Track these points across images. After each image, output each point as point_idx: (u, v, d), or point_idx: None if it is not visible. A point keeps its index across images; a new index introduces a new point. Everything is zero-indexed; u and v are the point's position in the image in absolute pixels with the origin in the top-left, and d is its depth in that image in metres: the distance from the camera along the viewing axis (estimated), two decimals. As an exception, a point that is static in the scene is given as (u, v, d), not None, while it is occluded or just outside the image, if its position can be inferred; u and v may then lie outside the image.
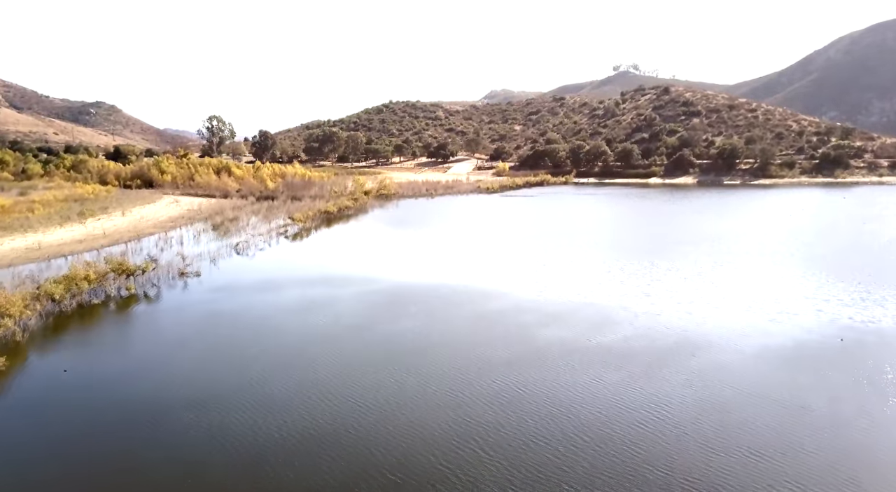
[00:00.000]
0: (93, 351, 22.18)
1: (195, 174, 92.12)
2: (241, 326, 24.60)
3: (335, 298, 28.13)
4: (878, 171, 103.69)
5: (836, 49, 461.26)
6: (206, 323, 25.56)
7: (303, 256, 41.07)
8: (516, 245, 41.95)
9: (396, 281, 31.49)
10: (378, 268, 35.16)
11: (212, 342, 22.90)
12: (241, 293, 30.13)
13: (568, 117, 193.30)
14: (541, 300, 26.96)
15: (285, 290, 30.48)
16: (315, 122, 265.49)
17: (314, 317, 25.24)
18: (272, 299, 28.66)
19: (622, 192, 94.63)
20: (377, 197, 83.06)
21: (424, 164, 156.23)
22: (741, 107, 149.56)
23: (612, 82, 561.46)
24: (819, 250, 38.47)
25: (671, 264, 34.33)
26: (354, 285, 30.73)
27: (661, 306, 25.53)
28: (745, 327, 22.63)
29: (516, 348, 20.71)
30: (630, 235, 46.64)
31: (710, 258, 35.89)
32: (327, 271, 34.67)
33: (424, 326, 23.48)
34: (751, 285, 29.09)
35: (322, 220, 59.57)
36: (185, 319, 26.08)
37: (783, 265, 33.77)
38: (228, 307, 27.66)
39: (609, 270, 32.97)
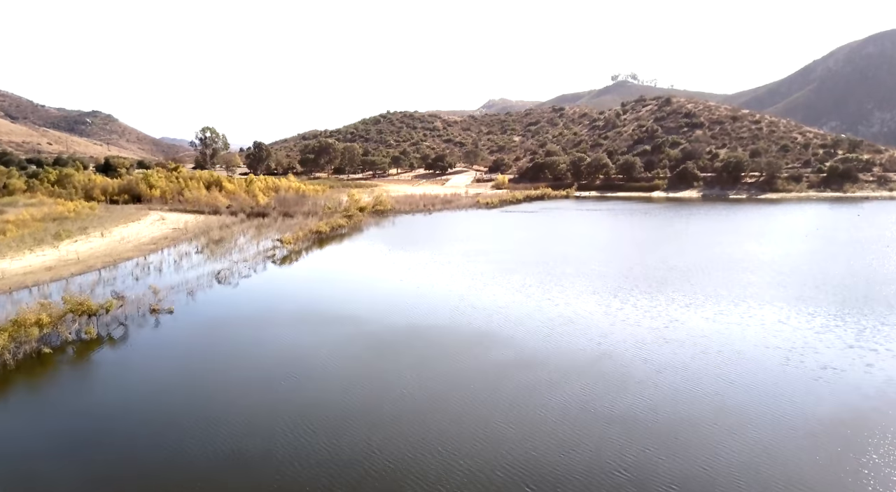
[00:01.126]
0: (37, 415, 19.07)
1: (185, 189, 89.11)
2: (212, 379, 21.58)
3: (318, 346, 25.02)
4: (888, 185, 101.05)
5: (835, 59, 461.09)
6: (175, 371, 22.69)
7: (289, 285, 37.99)
8: (520, 274, 38.86)
9: (386, 321, 28.39)
10: (368, 303, 32.06)
11: (180, 398, 20.00)
12: (215, 335, 27.08)
13: (568, 128, 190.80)
14: (550, 349, 23.86)
15: (264, 330, 27.40)
16: (312, 132, 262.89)
17: (292, 369, 22.12)
18: (247, 344, 25.60)
19: (625, 207, 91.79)
20: (373, 213, 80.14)
21: (422, 176, 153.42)
22: (744, 118, 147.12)
23: (611, 92, 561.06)
24: (849, 281, 35.44)
25: (688, 299, 31.30)
26: (340, 326, 27.63)
27: (685, 356, 22.45)
28: (787, 393, 19.53)
29: (522, 417, 17.60)
30: (639, 261, 43.64)
31: (729, 291, 32.89)
32: (313, 307, 31.57)
33: (414, 385, 20.36)
34: (778, 328, 25.98)
35: (313, 240, 56.53)
36: (151, 368, 23.13)
37: (812, 302, 30.69)
38: (201, 352, 24.68)
39: (622, 307, 29.91)
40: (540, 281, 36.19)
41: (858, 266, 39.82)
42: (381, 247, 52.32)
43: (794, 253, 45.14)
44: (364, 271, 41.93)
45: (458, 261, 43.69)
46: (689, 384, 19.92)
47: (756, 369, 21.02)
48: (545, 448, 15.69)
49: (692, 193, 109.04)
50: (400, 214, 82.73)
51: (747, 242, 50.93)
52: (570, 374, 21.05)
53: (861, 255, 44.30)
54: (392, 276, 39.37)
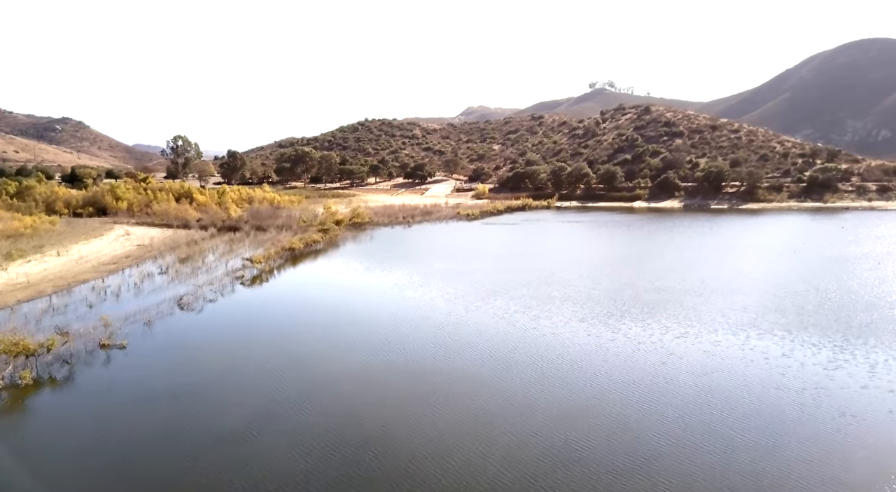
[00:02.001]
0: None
1: (153, 201, 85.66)
2: (165, 429, 19.04)
3: (285, 387, 22.47)
4: (867, 195, 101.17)
5: (808, 68, 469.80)
6: (124, 419, 20.22)
7: (257, 312, 35.31)
8: (503, 298, 36.70)
9: (358, 360, 25.96)
10: (340, 336, 29.56)
11: (127, 453, 17.50)
12: (171, 373, 24.45)
13: (547, 137, 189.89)
14: (537, 395, 21.66)
15: (227, 368, 24.80)
16: (288, 139, 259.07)
17: (256, 417, 19.58)
18: (206, 384, 23.04)
19: (607, 219, 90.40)
20: (350, 226, 77.53)
21: (401, 185, 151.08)
22: (723, 127, 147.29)
23: (589, 99, 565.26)
24: (847, 304, 33.92)
25: (683, 326, 29.41)
26: (310, 365, 25.14)
27: (685, 401, 20.43)
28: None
29: (507, 478, 15.37)
30: (627, 281, 41.84)
31: (724, 318, 31.12)
32: (281, 338, 28.97)
33: (386, 443, 17.99)
34: (784, 365, 24.15)
35: (286, 258, 53.82)
36: (96, 415, 20.59)
37: (814, 330, 28.99)
38: (154, 395, 22.11)
39: (613, 338, 27.92)
40: (524, 306, 34.05)
41: (855, 285, 38.38)
42: (356, 265, 49.79)
43: (786, 271, 43.67)
44: (337, 295, 39.41)
45: (437, 282, 41.39)
46: (691, 439, 17.87)
47: (769, 420, 19.02)
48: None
49: (674, 203, 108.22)
50: (378, 226, 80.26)
51: (736, 259, 49.48)
52: (559, 424, 18.87)
53: (854, 273, 42.98)
54: (367, 301, 36.93)
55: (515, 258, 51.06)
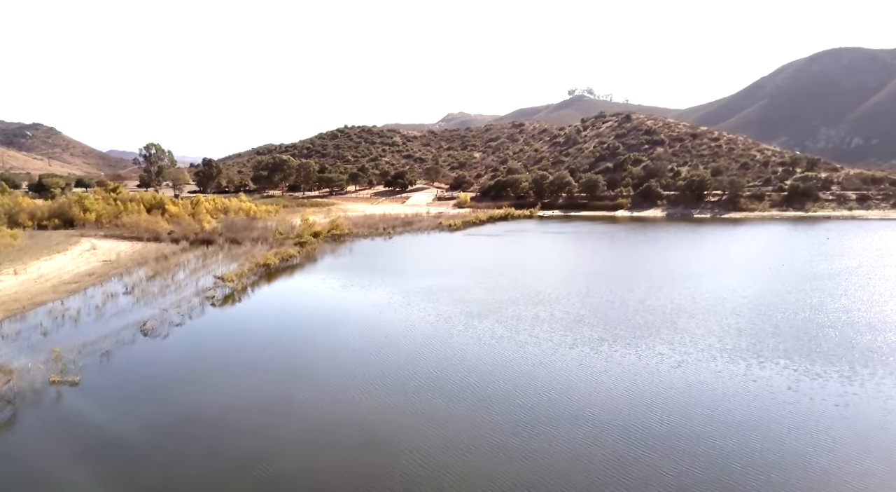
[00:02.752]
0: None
1: (123, 212, 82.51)
2: (119, 478, 16.84)
3: (254, 429, 20.31)
4: (847, 204, 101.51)
5: (782, 76, 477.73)
6: (73, 468, 17.86)
7: (226, 337, 33.05)
8: (489, 320, 34.93)
9: (331, 398, 23.90)
10: (313, 368, 27.48)
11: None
12: (127, 413, 22.19)
13: (528, 144, 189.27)
14: (524, 441, 19.81)
15: (191, 405, 22.54)
16: (266, 146, 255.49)
17: (222, 459, 17.44)
18: (167, 426, 20.78)
19: (590, 229, 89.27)
20: (328, 238, 75.27)
21: (382, 193, 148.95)
22: (704, 136, 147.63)
23: (568, 106, 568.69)
24: (847, 325, 32.74)
25: (679, 354, 27.86)
26: (281, 400, 22.97)
27: (691, 454, 18.75)
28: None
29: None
30: (617, 300, 40.47)
31: (721, 343, 29.71)
32: (250, 370, 26.74)
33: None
34: (792, 401, 22.64)
35: (261, 275, 51.46)
36: (41, 465, 18.21)
37: (817, 358, 27.63)
38: (107, 439, 19.88)
39: (606, 368, 26.27)
40: (511, 330, 32.25)
41: (850, 304, 37.25)
42: (334, 283, 47.60)
43: (777, 288, 42.41)
44: (312, 318, 37.23)
45: (418, 302, 39.44)
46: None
47: (789, 473, 17.39)
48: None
49: (656, 212, 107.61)
50: (358, 238, 78.08)
51: (725, 275, 48.25)
52: (550, 471, 17.03)
53: (847, 290, 41.97)
54: (343, 326, 34.80)
55: (500, 275, 49.28)
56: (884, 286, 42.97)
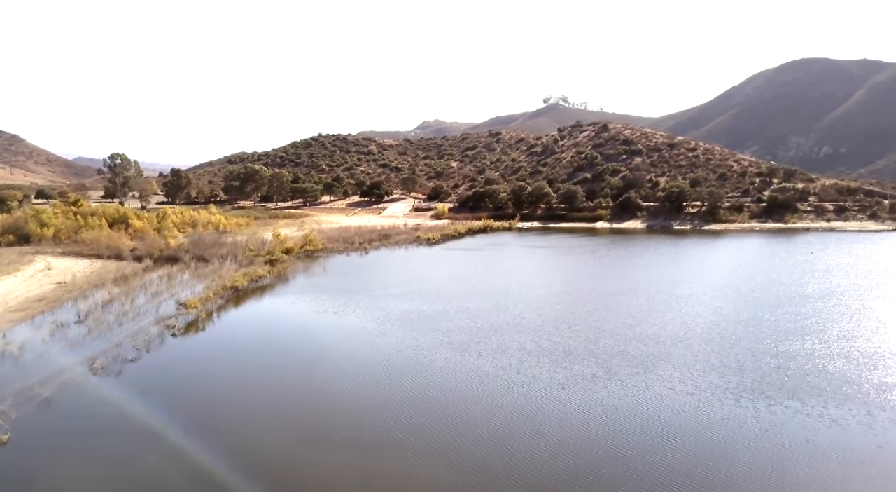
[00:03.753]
0: None
1: (84, 227, 78.36)
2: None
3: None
4: (825, 215, 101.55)
5: (752, 86, 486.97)
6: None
7: (183, 375, 30.10)
8: (471, 352, 32.54)
9: (291, 459, 21.16)
10: (280, 413, 24.67)
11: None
12: (59, 481, 19.09)
13: (506, 154, 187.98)
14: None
15: (142, 463, 19.50)
16: (239, 154, 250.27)
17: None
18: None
19: (571, 242, 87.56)
20: (301, 254, 72.15)
21: (357, 204, 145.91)
22: (681, 146, 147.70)
23: (544, 115, 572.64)
24: (855, 357, 30.99)
25: (681, 395, 25.75)
26: (241, 452, 20.11)
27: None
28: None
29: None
30: (605, 327, 38.56)
31: (723, 380, 27.75)
32: (209, 417, 23.81)
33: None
34: (811, 462, 20.58)
35: (228, 298, 48.30)
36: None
37: (830, 400, 25.73)
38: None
39: (603, 413, 24.00)
40: (496, 367, 29.82)
41: (854, 330, 35.60)
42: (305, 307, 44.73)
43: (771, 313, 40.62)
44: (280, 351, 34.29)
45: (395, 330, 36.81)
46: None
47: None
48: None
49: (636, 224, 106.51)
50: (332, 253, 75.09)
51: (716, 297, 46.46)
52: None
53: (844, 313, 40.46)
54: (314, 360, 32.02)
55: (482, 296, 46.86)
56: (880, 308, 41.59)
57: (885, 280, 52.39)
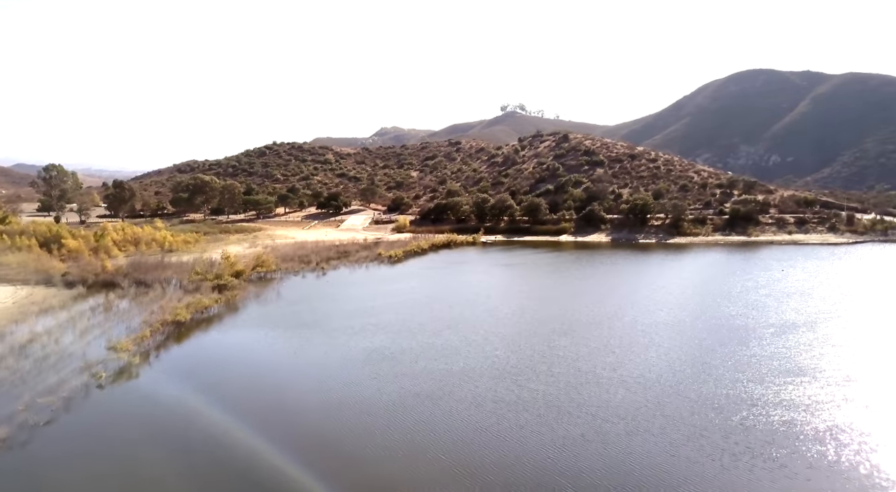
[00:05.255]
0: None
1: (10, 249, 71.39)
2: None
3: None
4: (787, 228, 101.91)
5: (703, 95, 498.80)
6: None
7: (103, 442, 25.44)
8: (445, 402, 28.91)
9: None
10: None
11: None
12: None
13: (466, 164, 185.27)
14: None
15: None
16: (189, 162, 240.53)
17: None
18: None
19: (536, 259, 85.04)
20: (253, 274, 67.20)
21: (314, 215, 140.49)
22: (642, 156, 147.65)
23: (502, 122, 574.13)
24: (866, 404, 28.57)
25: (684, 462, 22.58)
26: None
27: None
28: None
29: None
30: (587, 367, 35.86)
31: (725, 442, 24.67)
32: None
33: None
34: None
35: (168, 334, 43.39)
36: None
37: (855, 472, 23.06)
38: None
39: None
40: (474, 428, 26.22)
41: (854, 370, 33.40)
42: (254, 346, 40.31)
43: (761, 348, 38.21)
44: (225, 402, 29.83)
45: (356, 376, 32.88)
46: None
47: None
48: None
49: (601, 237, 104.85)
50: (288, 274, 70.27)
51: (697, 327, 43.97)
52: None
53: (841, 345, 38.52)
54: (263, 417, 27.79)
55: (450, 329, 43.23)
56: (867, 336, 39.83)
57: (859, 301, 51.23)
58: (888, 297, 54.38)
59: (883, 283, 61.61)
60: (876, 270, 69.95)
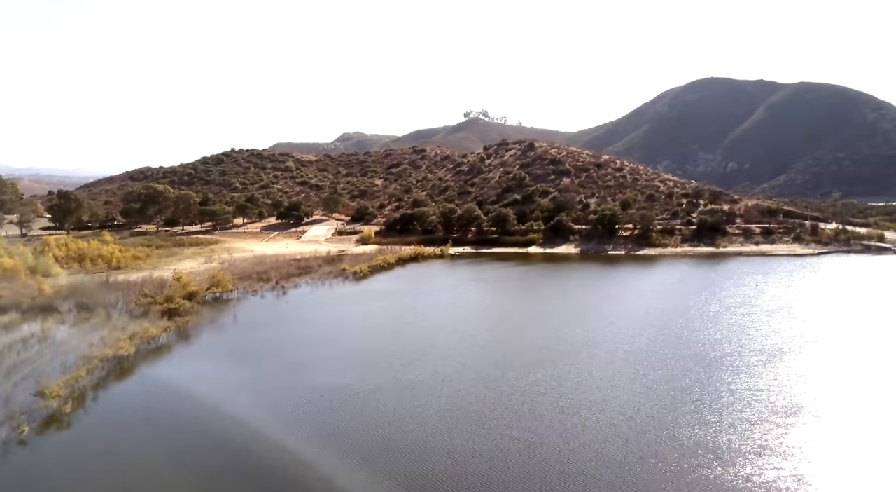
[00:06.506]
0: None
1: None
2: None
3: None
4: (753, 238, 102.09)
5: (662, 103, 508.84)
6: None
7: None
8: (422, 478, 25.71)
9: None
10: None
11: None
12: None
13: (432, 172, 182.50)
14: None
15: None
16: (143, 169, 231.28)
17: None
18: None
19: (505, 274, 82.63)
20: (208, 296, 62.85)
21: (274, 227, 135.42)
22: (608, 165, 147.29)
23: (465, 129, 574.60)
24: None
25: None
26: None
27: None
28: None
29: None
30: (567, 403, 33.05)
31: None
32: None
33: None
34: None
35: (109, 370, 39.12)
36: None
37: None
38: None
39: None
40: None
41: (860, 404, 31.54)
42: (203, 386, 36.33)
43: (759, 384, 36.21)
44: (170, 456, 26.03)
45: (316, 432, 29.31)
46: None
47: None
48: None
49: (570, 248, 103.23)
50: (245, 294, 66.05)
51: (682, 355, 41.78)
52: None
53: (837, 378, 36.81)
54: (208, 478, 24.19)
55: (420, 362, 40.06)
56: (866, 361, 38.30)
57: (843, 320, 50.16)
58: (869, 314, 53.52)
59: (859, 298, 60.97)
60: (848, 284, 69.57)
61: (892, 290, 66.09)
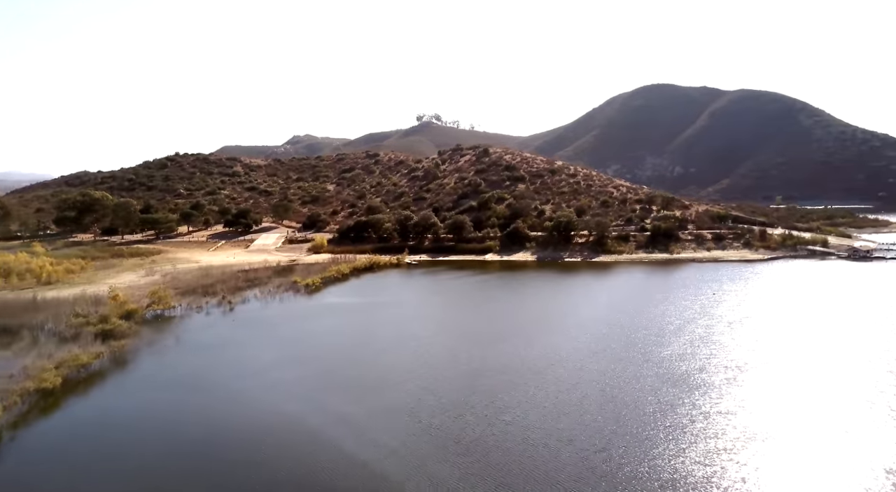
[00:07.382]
0: None
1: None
2: None
3: None
4: (705, 244, 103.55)
5: (611, 108, 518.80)
6: None
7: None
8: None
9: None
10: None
11: None
12: None
13: (386, 177, 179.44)
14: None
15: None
16: (80, 174, 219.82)
17: None
18: None
19: (463, 283, 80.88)
20: (148, 313, 58.75)
21: (221, 235, 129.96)
22: (562, 171, 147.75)
23: (418, 133, 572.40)
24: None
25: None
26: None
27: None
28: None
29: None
30: (531, 436, 31.11)
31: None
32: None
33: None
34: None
35: (31, 405, 35.32)
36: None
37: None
38: None
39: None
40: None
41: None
42: (142, 427, 32.98)
43: (731, 406, 35.39)
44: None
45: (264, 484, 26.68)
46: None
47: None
48: None
49: (526, 255, 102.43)
50: (189, 310, 62.13)
51: (653, 377, 40.81)
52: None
53: (806, 393, 36.26)
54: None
55: (379, 390, 37.66)
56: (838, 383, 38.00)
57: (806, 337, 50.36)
58: (827, 321, 53.97)
59: (813, 305, 61.68)
60: (799, 291, 70.58)
61: (840, 295, 67.32)
